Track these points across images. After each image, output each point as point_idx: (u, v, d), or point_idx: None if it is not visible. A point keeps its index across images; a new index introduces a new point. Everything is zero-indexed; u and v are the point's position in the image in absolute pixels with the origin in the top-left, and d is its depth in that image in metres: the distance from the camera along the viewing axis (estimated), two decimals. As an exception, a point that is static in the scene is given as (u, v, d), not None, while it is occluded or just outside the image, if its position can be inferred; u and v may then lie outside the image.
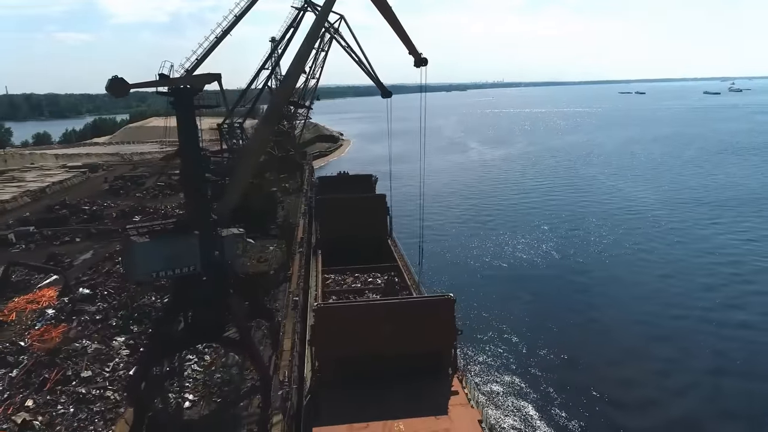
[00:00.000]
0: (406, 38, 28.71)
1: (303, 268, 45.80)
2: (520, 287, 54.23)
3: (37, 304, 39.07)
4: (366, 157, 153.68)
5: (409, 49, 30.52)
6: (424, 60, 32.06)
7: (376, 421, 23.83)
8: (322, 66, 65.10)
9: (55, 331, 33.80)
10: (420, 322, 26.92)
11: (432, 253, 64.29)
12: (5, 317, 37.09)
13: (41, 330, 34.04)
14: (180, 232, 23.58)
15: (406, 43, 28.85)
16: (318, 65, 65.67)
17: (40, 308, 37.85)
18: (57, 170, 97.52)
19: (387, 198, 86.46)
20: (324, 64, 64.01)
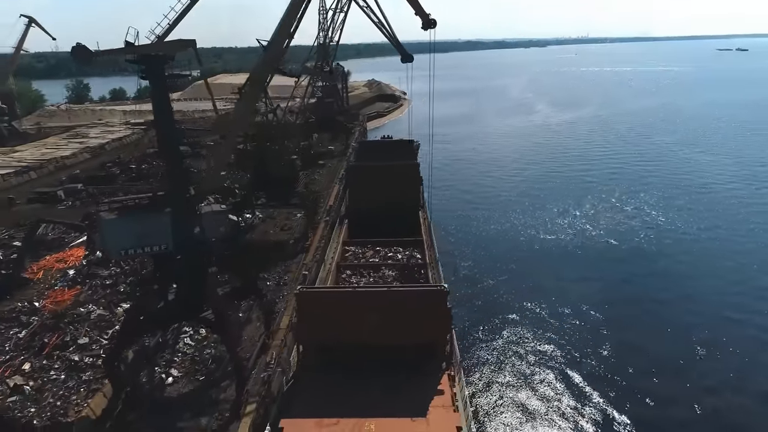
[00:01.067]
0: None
1: (325, 239, 44.67)
2: (567, 269, 49.09)
3: (64, 263, 40.45)
4: (425, 118, 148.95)
5: (415, 10, 27.39)
6: (432, 22, 28.78)
7: (348, 418, 22.41)
8: (341, 28, 62.87)
9: (68, 294, 34.74)
10: (408, 313, 24.91)
11: (468, 227, 61.43)
12: (33, 275, 38.69)
13: (56, 292, 35.11)
14: (151, 209, 22.62)
15: (412, 4, 25.78)
16: (337, 28, 63.53)
17: (65, 268, 39.10)
18: (119, 127, 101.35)
19: (427, 165, 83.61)
20: (343, 26, 61.80)
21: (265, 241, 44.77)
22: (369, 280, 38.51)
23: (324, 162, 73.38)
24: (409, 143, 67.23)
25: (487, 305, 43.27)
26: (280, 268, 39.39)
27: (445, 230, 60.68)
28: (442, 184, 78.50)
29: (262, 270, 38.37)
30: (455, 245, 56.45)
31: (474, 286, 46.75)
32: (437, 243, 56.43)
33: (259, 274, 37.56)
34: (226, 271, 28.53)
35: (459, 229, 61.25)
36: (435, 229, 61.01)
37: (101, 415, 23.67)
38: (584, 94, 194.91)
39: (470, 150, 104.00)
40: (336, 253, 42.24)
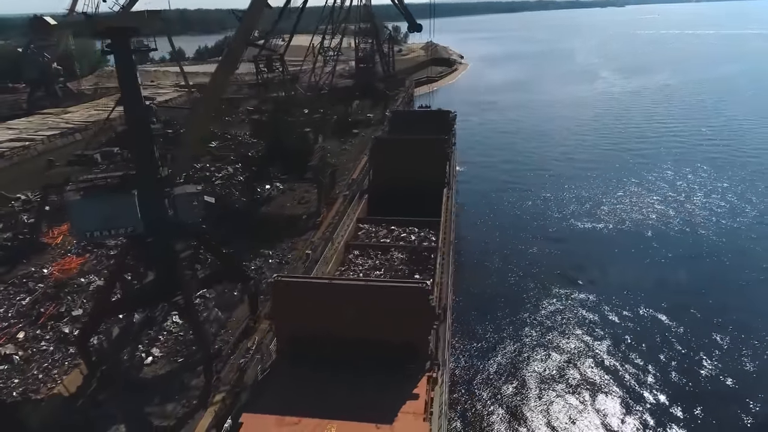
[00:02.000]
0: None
1: (340, 215, 43.29)
2: (610, 262, 44.64)
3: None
4: (478, 84, 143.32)
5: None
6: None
7: (310, 418, 21.32)
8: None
9: (76, 262, 35.38)
10: (386, 309, 23.27)
11: (501, 207, 58.06)
12: (52, 240, 39.72)
13: (66, 259, 35.85)
14: (118, 191, 21.85)
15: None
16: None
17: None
18: (169, 89, 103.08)
19: (466, 136, 79.35)
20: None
21: (280, 214, 44.02)
22: (375, 263, 37.07)
23: (359, 131, 71.56)
24: (444, 114, 64.11)
25: (506, 299, 39.75)
26: (286, 244, 38.51)
27: (475, 209, 57.74)
28: (480, 157, 74.84)
29: (268, 246, 37.63)
30: (482, 228, 53.27)
31: (493, 276, 43.44)
32: (463, 223, 54.00)
33: (264, 251, 36.88)
34: (207, 253, 27.73)
35: (490, 209, 57.73)
36: (463, 208, 58.41)
37: (74, 392, 23.75)
38: (654, 61, 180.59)
39: (517, 120, 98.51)
40: (347, 232, 40.92)
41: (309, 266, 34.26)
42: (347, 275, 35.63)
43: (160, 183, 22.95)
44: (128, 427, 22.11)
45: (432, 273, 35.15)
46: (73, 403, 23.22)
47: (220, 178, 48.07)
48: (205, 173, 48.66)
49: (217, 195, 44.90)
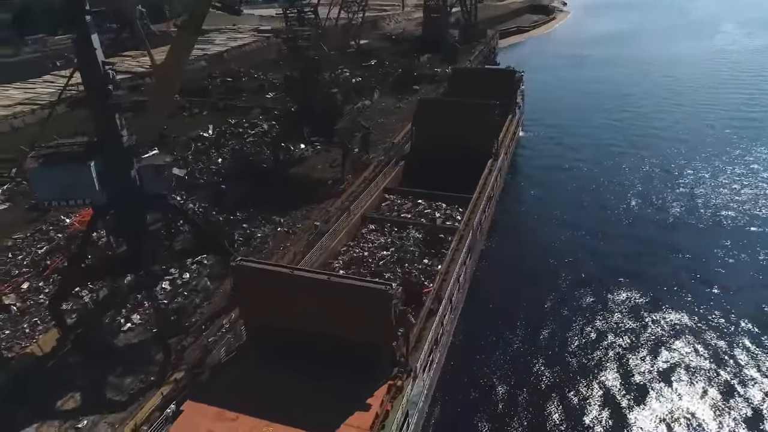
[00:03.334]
0: None
1: (367, 182, 40.92)
2: (690, 269, 37.68)
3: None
4: (575, 36, 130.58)
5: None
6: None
7: (249, 416, 20.20)
8: None
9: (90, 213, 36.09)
10: (348, 307, 21.26)
11: (563, 183, 52.03)
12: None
13: (87, 211, 36.66)
14: (73, 161, 21.06)
15: None
16: None
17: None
18: (247, 33, 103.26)
19: (538, 100, 71.55)
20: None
21: (308, 177, 42.47)
22: (387, 240, 34.82)
23: (419, 88, 67.53)
24: (509, 74, 58.51)
25: (535, 305, 34.50)
26: (302, 211, 37.01)
27: (530, 185, 52.52)
28: (551, 123, 67.94)
29: (282, 212, 36.36)
30: (532, 209, 47.98)
31: (527, 270, 38.42)
32: (512, 201, 49.30)
33: (276, 217, 35.68)
34: (184, 226, 26.78)
35: (548, 187, 51.64)
36: (517, 182, 53.37)
37: (48, 353, 24.23)
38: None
39: (606, 81, 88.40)
40: (369, 202, 38.65)
41: (314, 239, 32.68)
42: (353, 252, 33.77)
43: (124, 152, 21.86)
44: (83, 394, 22.18)
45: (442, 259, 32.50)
46: (43, 364, 23.69)
47: (253, 135, 47.16)
48: (238, 129, 47.96)
49: (246, 152, 44.12)
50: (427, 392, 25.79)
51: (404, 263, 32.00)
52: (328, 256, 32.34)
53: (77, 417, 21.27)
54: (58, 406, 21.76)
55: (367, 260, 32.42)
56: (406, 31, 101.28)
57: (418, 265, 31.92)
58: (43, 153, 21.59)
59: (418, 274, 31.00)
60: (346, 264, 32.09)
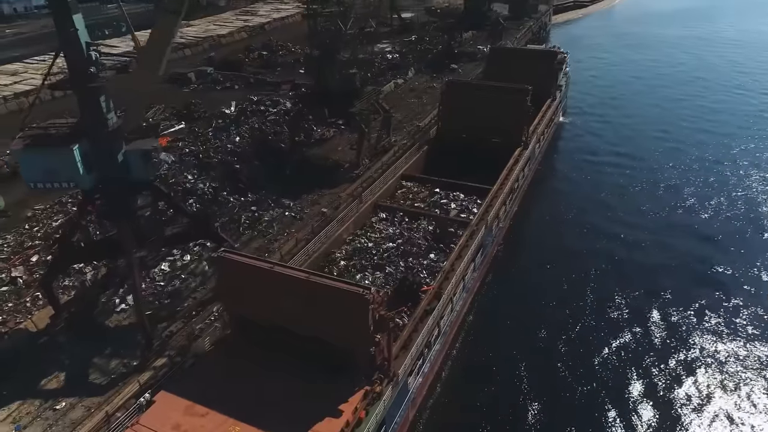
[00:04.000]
0: None
1: (385, 167, 39.52)
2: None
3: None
4: (641, 12, 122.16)
5: None
6: None
7: (219, 414, 19.84)
8: None
9: None
10: (325, 308, 20.38)
11: (604, 178, 48.41)
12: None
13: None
14: (57, 144, 20.83)
15: None
16: None
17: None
18: (291, 4, 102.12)
19: (584, 81, 66.50)
20: None
21: (326, 159, 41.45)
22: (395, 231, 33.75)
23: (457, 67, 64.77)
24: (551, 55, 55.17)
25: (556, 317, 31.76)
26: (314, 195, 36.11)
27: (564, 177, 49.59)
28: (597, 109, 63.96)
29: (293, 196, 35.61)
30: (564, 203, 44.79)
31: (547, 276, 35.62)
32: (542, 193, 46.57)
33: (285, 200, 34.96)
34: (177, 211, 26.29)
35: (583, 180, 48.46)
36: (552, 172, 50.34)
37: (41, 329, 24.65)
38: None
39: (666, 63, 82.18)
40: (383, 189, 37.41)
41: (319, 226, 31.87)
42: (358, 242, 32.76)
43: (109, 136, 21.46)
44: (67, 375, 22.42)
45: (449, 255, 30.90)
46: (34, 340, 24.12)
47: (275, 113, 46.36)
48: (259, 107, 47.28)
49: (266, 131, 43.42)
50: (414, 398, 24.76)
51: (409, 257, 30.79)
52: (331, 245, 31.51)
53: (57, 398, 21.49)
54: (42, 385, 22.08)
55: (371, 251, 31.38)
56: (452, 5, 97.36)
57: (423, 260, 30.64)
58: (30, 134, 21.45)
59: (421, 270, 29.73)
60: (349, 255, 31.17)
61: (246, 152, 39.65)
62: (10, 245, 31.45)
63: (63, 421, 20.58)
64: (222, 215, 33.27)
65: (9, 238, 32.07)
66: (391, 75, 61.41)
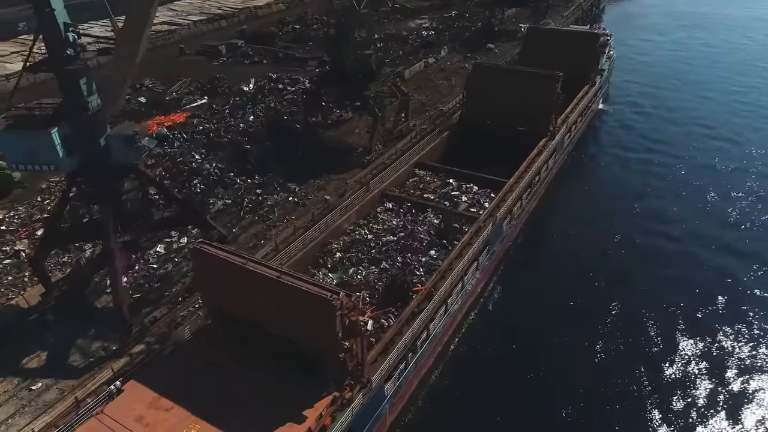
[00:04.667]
0: None
1: (399, 153, 38.03)
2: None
3: (158, 126, 42.49)
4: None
5: None
6: None
7: (182, 409, 19.54)
8: None
9: None
10: (296, 310, 19.59)
11: (642, 176, 44.73)
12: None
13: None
14: (36, 126, 20.60)
15: None
16: None
17: (155, 131, 40.73)
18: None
19: (631, 65, 61.00)
20: None
21: (340, 142, 40.34)
22: (399, 223, 32.46)
23: (494, 47, 61.70)
24: (592, 38, 51.54)
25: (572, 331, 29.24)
26: (322, 180, 35.17)
27: (592, 176, 46.32)
28: (641, 97, 59.59)
29: (300, 180, 34.79)
30: (590, 204, 41.67)
31: (560, 286, 32.73)
32: (569, 189, 43.77)
33: (291, 185, 34.20)
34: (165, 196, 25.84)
35: (617, 180, 44.74)
36: (578, 169, 47.20)
37: (33, 305, 25.01)
38: None
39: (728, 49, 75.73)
40: (394, 177, 36.01)
41: (320, 215, 30.99)
42: (358, 233, 31.67)
43: (90, 119, 21.05)
44: (49, 354, 22.66)
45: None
46: (25, 316, 24.49)
47: (293, 92, 45.32)
48: (278, 85, 46.29)
49: (281, 111, 42.55)
50: (394, 404, 23.84)
51: (407, 252, 29.51)
52: (330, 234, 30.58)
53: (35, 378, 21.75)
54: (23, 363, 22.41)
55: (369, 244, 30.28)
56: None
57: (422, 257, 29.30)
58: (13, 114, 21.29)
59: (418, 267, 28.46)
60: (346, 246, 30.18)
61: (258, 132, 39.00)
62: (20, 217, 32.19)
63: (36, 402, 20.81)
64: (226, 196, 32.98)
65: (20, 210, 32.82)
66: (423, 53, 59.21)
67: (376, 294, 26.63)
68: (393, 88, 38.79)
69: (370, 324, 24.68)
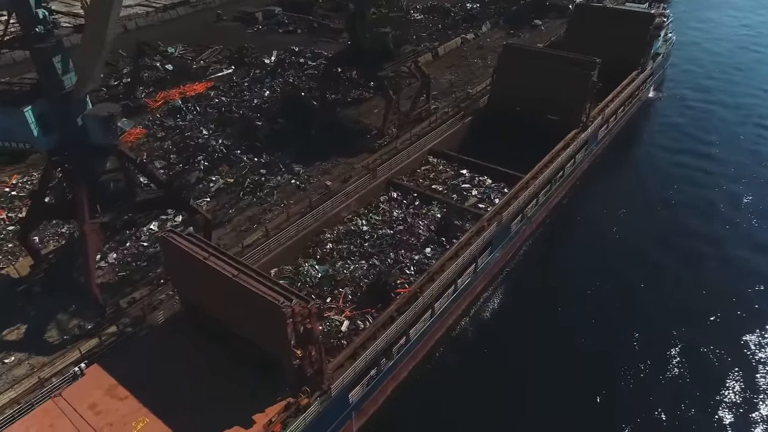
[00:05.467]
0: None
1: (415, 137, 36.15)
2: None
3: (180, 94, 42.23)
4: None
5: None
6: None
7: (135, 400, 19.43)
8: None
9: (134, 134, 36.68)
10: (248, 311, 18.95)
11: (690, 178, 40.40)
12: (154, 104, 41.74)
13: (133, 129, 37.25)
14: (9, 104, 20.36)
15: None
16: None
17: (174, 101, 40.56)
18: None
19: (691, 51, 54.52)
20: None
21: (357, 122, 38.84)
22: (400, 214, 31.02)
23: (541, 23, 57.60)
24: (645, 18, 46.87)
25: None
26: (328, 163, 33.99)
27: (627, 175, 42.38)
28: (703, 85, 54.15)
29: (306, 161, 33.75)
30: (621, 208, 37.30)
31: (573, 303, 29.80)
32: (599, 189, 40.31)
33: (296, 166, 33.23)
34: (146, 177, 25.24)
35: (655, 183, 40.22)
36: (614, 165, 43.45)
37: (23, 276, 25.52)
38: None
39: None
40: (404, 164, 34.34)
41: (317, 201, 29.93)
42: (354, 223, 30.40)
43: (65, 98, 20.65)
44: (28, 328, 23.06)
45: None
46: (14, 287, 25.00)
47: (313, 67, 43.79)
48: (298, 59, 44.77)
49: (299, 87, 41.26)
50: (361, 412, 22.95)
51: (401, 249, 28.09)
52: (325, 223, 29.50)
53: (10, 351, 22.20)
54: (2, 335, 22.91)
55: (363, 236, 29.02)
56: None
57: (415, 255, 27.81)
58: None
59: (409, 266, 27.05)
60: (339, 237, 29.05)
61: (271, 109, 38.01)
62: (33, 183, 32.84)
63: (6, 377, 21.25)
64: (229, 175, 32.47)
65: (35, 175, 33.47)
66: (463, 28, 56.08)
67: (359, 292, 25.52)
68: (412, 69, 36.66)
69: (345, 325, 23.88)
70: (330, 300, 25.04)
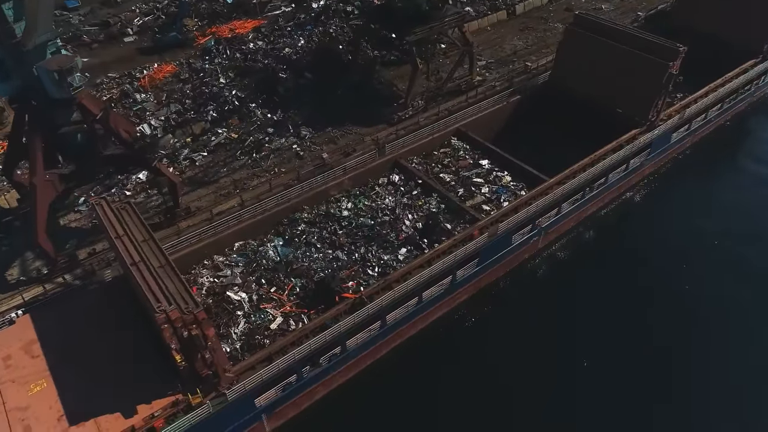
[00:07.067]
0: None
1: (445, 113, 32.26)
2: None
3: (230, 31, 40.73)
4: None
5: None
6: None
7: (45, 361, 19.92)
8: None
9: (164, 70, 36.24)
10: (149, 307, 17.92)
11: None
12: (203, 38, 40.80)
13: (162, 66, 36.85)
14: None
15: None
16: None
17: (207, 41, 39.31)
18: None
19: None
20: None
21: (390, 85, 35.43)
22: (391, 202, 28.60)
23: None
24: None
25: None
26: (337, 132, 31.47)
27: (705, 189, 34.77)
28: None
29: (318, 125, 31.50)
30: (676, 232, 31.46)
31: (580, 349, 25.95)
32: (654, 211, 33.49)
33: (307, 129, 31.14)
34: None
35: (735, 205, 33.12)
36: (683, 174, 35.80)
37: (12, 207, 26.66)
38: None
39: None
40: (419, 143, 30.89)
41: (306, 175, 27.87)
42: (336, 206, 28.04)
43: (15, 46, 20.13)
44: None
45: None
46: (1, 217, 26.20)
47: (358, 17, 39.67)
48: (345, 8, 40.61)
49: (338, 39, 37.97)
50: (275, 414, 21.78)
51: (374, 244, 25.55)
52: (307, 200, 27.49)
53: (-33, 286, 23.35)
54: (-32, 267, 24.15)
55: (341, 222, 26.70)
56: None
57: (384, 255, 25.15)
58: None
59: (373, 267, 24.58)
60: (315, 219, 26.92)
61: (301, 60, 35.56)
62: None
63: (-49, 306, 22.42)
64: (234, 130, 31.25)
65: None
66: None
67: (309, 286, 23.72)
68: (452, 36, 32.14)
69: (277, 323, 22.38)
70: (274, 290, 23.54)
